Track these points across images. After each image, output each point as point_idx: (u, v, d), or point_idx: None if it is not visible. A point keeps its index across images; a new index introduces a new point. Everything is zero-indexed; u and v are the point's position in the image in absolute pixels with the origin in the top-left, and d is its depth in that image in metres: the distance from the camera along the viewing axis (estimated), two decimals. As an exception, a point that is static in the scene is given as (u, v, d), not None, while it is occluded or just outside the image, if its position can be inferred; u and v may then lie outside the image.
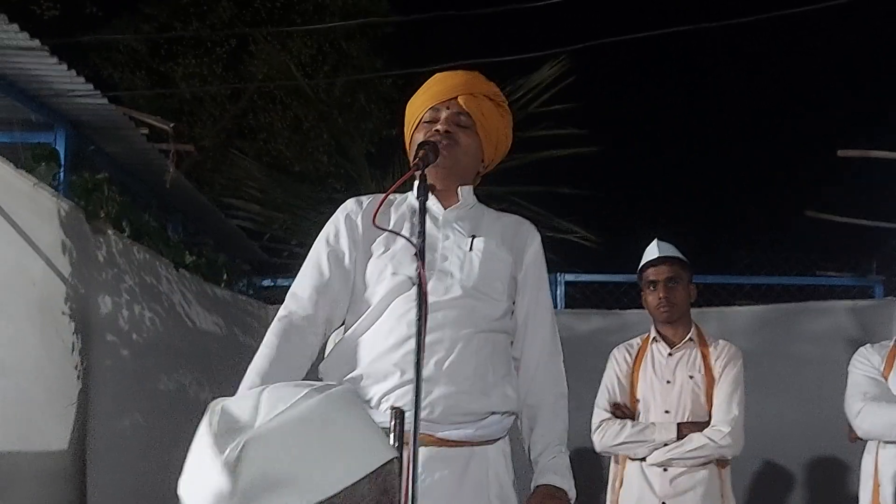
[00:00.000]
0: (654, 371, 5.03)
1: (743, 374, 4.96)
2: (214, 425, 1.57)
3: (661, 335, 5.09)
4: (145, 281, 5.73)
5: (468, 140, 3.22)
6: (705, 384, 4.94)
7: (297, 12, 16.42)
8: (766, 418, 6.32)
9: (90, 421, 4.90)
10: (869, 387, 4.66)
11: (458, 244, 3.14)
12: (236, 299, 7.33)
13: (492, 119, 3.27)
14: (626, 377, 5.09)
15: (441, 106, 3.24)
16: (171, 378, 5.90)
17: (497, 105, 3.31)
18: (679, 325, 5.08)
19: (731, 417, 4.79)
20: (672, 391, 4.95)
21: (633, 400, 5.04)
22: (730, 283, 8.12)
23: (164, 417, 5.54)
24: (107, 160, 6.37)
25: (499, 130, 3.31)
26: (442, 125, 3.19)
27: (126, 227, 5.68)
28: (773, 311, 7.51)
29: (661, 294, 5.04)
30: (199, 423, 1.62)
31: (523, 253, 3.25)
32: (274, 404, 1.58)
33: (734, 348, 5.05)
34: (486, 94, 3.28)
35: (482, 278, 3.08)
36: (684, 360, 5.01)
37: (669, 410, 4.92)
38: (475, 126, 3.22)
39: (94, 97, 5.53)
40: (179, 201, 7.46)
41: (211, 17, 16.32)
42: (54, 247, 4.76)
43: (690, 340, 5.05)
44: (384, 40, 16.65)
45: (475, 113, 3.22)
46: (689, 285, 5.12)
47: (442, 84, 3.30)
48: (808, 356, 7.02)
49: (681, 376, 4.97)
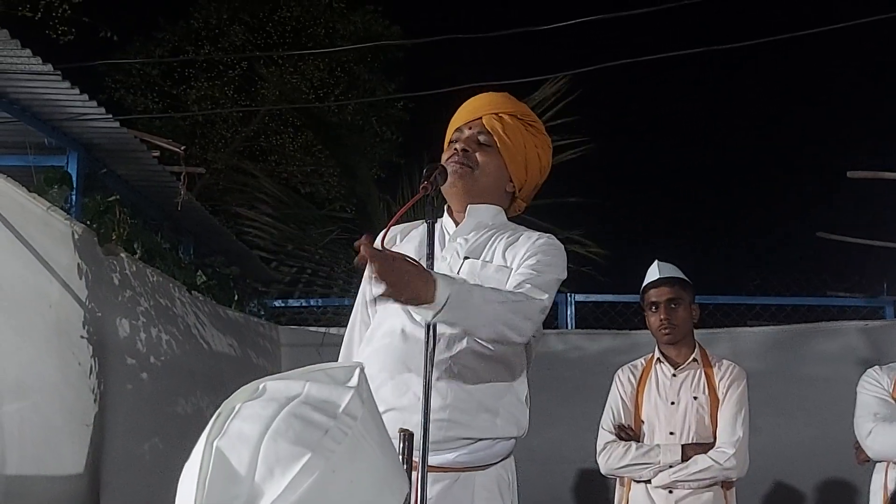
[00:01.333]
0: (659, 392, 5.03)
1: (748, 394, 4.95)
2: (208, 474, 1.56)
3: (665, 356, 5.09)
4: (160, 303, 5.76)
5: (486, 159, 3.21)
6: (710, 405, 4.92)
7: (308, 36, 16.51)
8: (777, 439, 6.32)
9: (106, 444, 4.90)
10: (879, 407, 4.67)
11: (450, 267, 3.12)
12: (248, 321, 7.35)
13: (516, 138, 3.24)
14: (631, 399, 5.08)
15: (465, 126, 3.26)
16: (187, 401, 5.90)
17: (526, 125, 3.30)
18: (682, 346, 5.08)
19: (736, 439, 4.77)
20: (676, 412, 4.94)
21: (637, 421, 5.03)
22: (740, 303, 8.11)
23: (180, 441, 5.51)
24: (119, 182, 6.42)
25: (526, 149, 3.28)
26: (460, 144, 3.21)
27: (138, 248, 5.71)
28: (783, 332, 7.51)
29: (662, 315, 5.03)
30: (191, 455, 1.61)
31: (523, 245, 3.13)
32: (271, 468, 1.55)
33: (738, 368, 5.04)
34: (511, 113, 3.28)
35: None
36: (688, 381, 5.00)
37: (674, 432, 4.91)
38: (497, 145, 3.22)
39: (105, 120, 5.57)
40: (191, 223, 7.50)
41: (223, 41, 16.42)
42: (70, 269, 4.79)
43: (694, 361, 5.04)
44: (395, 64, 16.74)
45: (496, 131, 3.22)
46: (691, 306, 5.12)
47: (469, 106, 3.33)
48: (818, 377, 7.01)
49: (685, 397, 4.96)
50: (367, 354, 3.09)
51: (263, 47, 16.35)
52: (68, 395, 4.65)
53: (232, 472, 1.54)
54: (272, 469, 1.53)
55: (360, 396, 1.67)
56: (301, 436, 1.57)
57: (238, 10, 16.59)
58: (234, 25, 16.50)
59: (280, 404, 1.62)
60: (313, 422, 1.59)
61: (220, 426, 1.61)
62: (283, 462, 1.54)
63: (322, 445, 1.56)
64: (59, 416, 4.57)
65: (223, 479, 1.54)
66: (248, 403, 1.64)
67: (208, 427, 1.61)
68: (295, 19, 16.62)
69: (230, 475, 1.54)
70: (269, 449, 1.55)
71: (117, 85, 16.00)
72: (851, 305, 8.12)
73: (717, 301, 7.85)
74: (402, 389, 2.96)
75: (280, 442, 1.56)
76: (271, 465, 1.54)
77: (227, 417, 1.62)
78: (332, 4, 16.66)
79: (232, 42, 16.43)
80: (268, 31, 16.59)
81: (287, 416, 1.59)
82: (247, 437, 1.57)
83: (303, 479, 1.53)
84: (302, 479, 1.53)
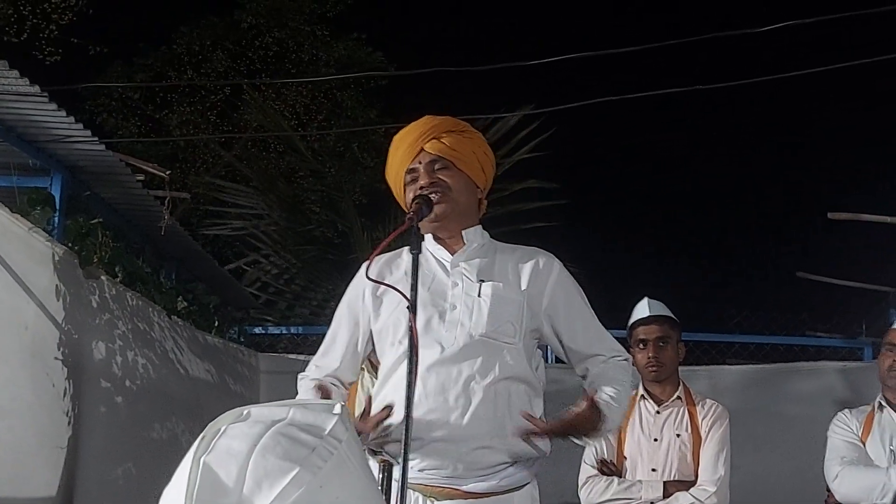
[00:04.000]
0: (642, 429, 5.03)
1: (729, 433, 4.97)
2: (195, 486, 1.55)
3: (649, 393, 5.10)
4: (138, 327, 5.72)
5: (454, 180, 3.23)
6: (692, 443, 4.93)
7: (291, 62, 16.54)
8: (755, 476, 6.32)
9: (79, 468, 4.86)
10: (847, 451, 4.77)
11: (466, 291, 3.15)
12: (227, 347, 7.30)
13: (464, 149, 3.26)
14: (614, 434, 5.07)
15: (414, 163, 3.25)
16: (163, 426, 5.86)
17: (461, 133, 3.30)
18: (667, 384, 5.09)
19: (718, 477, 4.80)
20: (659, 449, 4.95)
21: (620, 457, 5.03)
22: (720, 341, 8.14)
23: (154, 466, 5.48)
24: (102, 205, 6.39)
25: (476, 154, 3.30)
26: (423, 179, 3.21)
27: (119, 272, 5.69)
28: (762, 371, 7.53)
29: (650, 353, 5.04)
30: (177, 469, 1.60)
31: (545, 283, 3.25)
32: (259, 481, 1.54)
33: (721, 408, 5.05)
34: (447, 131, 3.28)
35: (491, 323, 3.08)
36: (672, 419, 5.01)
37: (656, 468, 4.92)
38: (453, 163, 3.23)
39: (91, 143, 5.55)
40: (173, 248, 7.47)
41: (206, 67, 16.42)
42: (48, 291, 4.76)
43: (678, 399, 5.05)
44: (378, 91, 16.77)
45: (447, 153, 3.22)
46: (678, 344, 5.13)
47: (403, 144, 3.30)
48: (796, 416, 7.03)
49: (668, 434, 4.97)
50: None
51: (246, 73, 16.37)
52: (42, 417, 4.62)
53: (220, 485, 1.55)
54: (260, 483, 1.54)
55: (343, 423, 1.67)
56: (289, 452, 1.58)
57: (221, 36, 16.61)
58: (217, 52, 16.51)
59: (266, 425, 1.63)
60: (300, 440, 1.61)
61: (207, 444, 1.61)
62: (271, 476, 1.54)
63: (310, 461, 1.58)
64: (33, 438, 4.54)
65: (211, 492, 1.54)
66: (234, 424, 1.64)
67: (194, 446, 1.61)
68: (278, 44, 16.65)
69: (218, 488, 1.54)
70: (258, 463, 1.56)
71: (99, 109, 15.97)
72: (830, 346, 8.15)
73: (697, 338, 7.86)
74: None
75: (268, 457, 1.57)
76: (259, 478, 1.54)
77: (213, 436, 1.62)
78: (316, 32, 16.71)
79: (214, 68, 16.43)
80: (250, 57, 16.61)
81: (274, 434, 1.61)
82: (235, 452, 1.58)
83: (291, 492, 1.54)
84: (290, 492, 1.54)
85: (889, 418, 4.77)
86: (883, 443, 4.71)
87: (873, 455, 4.71)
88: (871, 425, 4.79)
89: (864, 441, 4.77)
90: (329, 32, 16.76)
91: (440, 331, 3.07)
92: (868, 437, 4.77)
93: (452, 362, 3.00)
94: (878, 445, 4.72)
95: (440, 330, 3.07)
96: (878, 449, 4.72)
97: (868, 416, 4.84)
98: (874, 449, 4.73)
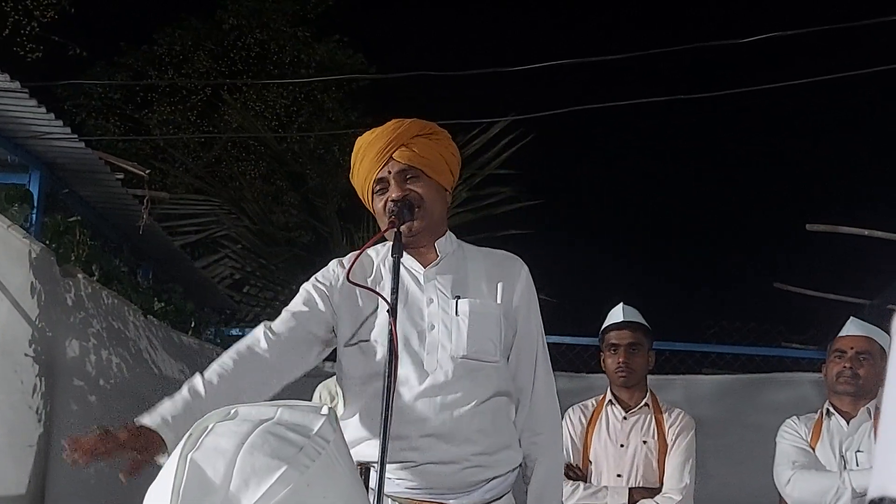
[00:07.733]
0: (609, 434, 5.06)
1: (696, 442, 5.00)
2: (182, 483, 1.54)
3: (617, 398, 5.13)
4: (113, 326, 5.68)
5: (426, 190, 3.19)
6: (658, 450, 4.98)
7: (273, 63, 16.52)
8: (728, 486, 6.33)
9: (50, 466, 4.82)
10: (798, 456, 4.80)
11: (443, 308, 3.11)
12: (203, 347, 7.28)
13: (431, 154, 3.21)
14: (580, 438, 5.11)
15: (382, 172, 3.19)
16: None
17: (428, 136, 3.25)
18: (636, 390, 5.13)
19: (683, 486, 4.85)
20: (625, 455, 4.98)
21: (585, 461, 5.06)
22: (696, 350, 8.14)
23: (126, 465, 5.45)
24: (80, 203, 6.35)
25: (444, 157, 3.26)
26: (394, 192, 3.16)
27: (96, 271, 5.65)
28: (738, 381, 7.53)
29: (621, 359, 5.08)
30: (163, 467, 1.59)
31: (513, 290, 3.23)
32: (247, 479, 1.54)
33: (688, 417, 5.10)
34: (415, 136, 3.22)
35: (472, 344, 3.06)
36: (639, 425, 5.05)
37: (622, 474, 4.95)
38: (423, 171, 3.19)
39: (70, 140, 5.51)
40: (151, 247, 7.43)
41: (186, 68, 16.38)
42: (23, 289, 4.72)
43: (646, 406, 5.09)
44: (359, 93, 16.77)
45: (417, 161, 3.18)
46: (649, 352, 5.18)
47: (371, 151, 3.22)
48: (771, 426, 6.95)
49: (634, 441, 5.00)
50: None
51: (227, 74, 16.35)
52: (10, 415, 4.57)
53: (207, 481, 1.54)
54: (247, 480, 1.54)
55: (331, 424, 1.67)
56: (277, 450, 1.58)
57: (202, 37, 16.58)
58: (199, 52, 16.48)
59: (254, 424, 1.62)
60: (288, 439, 1.60)
61: (195, 441, 1.61)
62: (258, 473, 1.54)
63: (297, 460, 1.58)
64: (1, 435, 4.49)
65: (198, 489, 1.54)
66: (221, 423, 1.63)
67: (181, 443, 1.61)
68: (259, 46, 16.63)
69: (205, 485, 1.54)
70: (245, 461, 1.56)
71: (78, 109, 15.91)
72: (806, 357, 8.15)
73: (673, 347, 7.88)
74: None
75: (256, 455, 1.57)
76: (247, 476, 1.54)
77: (200, 434, 1.61)
78: (297, 34, 16.70)
79: (196, 68, 16.40)
80: (232, 57, 16.59)
81: (262, 432, 1.60)
82: (223, 449, 1.58)
83: (278, 490, 1.54)
84: (277, 490, 1.54)
85: (837, 424, 4.81)
86: (833, 449, 4.75)
87: (824, 461, 4.74)
88: (821, 431, 4.83)
89: (814, 447, 4.81)
90: (310, 34, 16.78)
91: (421, 353, 3.04)
92: (818, 444, 4.81)
93: (438, 390, 2.99)
94: (829, 451, 4.76)
95: (421, 352, 3.04)
96: (828, 455, 4.75)
97: (816, 422, 4.88)
98: (824, 455, 4.76)
